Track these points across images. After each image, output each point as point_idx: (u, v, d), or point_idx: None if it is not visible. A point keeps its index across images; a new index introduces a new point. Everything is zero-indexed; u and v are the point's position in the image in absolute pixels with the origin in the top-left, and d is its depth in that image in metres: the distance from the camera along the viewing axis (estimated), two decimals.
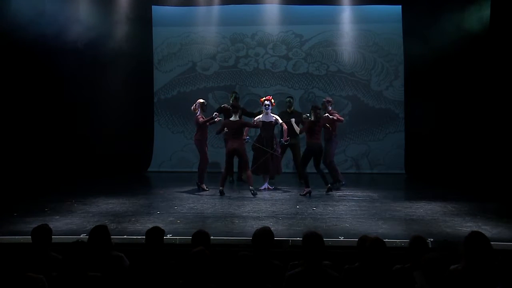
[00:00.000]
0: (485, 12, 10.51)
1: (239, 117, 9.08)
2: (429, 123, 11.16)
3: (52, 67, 10.49)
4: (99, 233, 4.42)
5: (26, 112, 10.19)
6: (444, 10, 11.01)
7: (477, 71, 10.67)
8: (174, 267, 4.09)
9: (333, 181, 9.43)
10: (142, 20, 12.12)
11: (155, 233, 4.38)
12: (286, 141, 9.66)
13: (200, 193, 8.96)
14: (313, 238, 3.86)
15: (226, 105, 9.90)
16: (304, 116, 9.27)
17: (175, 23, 12.50)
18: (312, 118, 8.82)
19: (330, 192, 8.90)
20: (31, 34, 9.52)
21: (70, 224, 6.56)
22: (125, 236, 5.87)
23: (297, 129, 9.14)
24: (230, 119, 9.03)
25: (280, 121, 9.57)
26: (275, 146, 9.56)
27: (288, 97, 10.62)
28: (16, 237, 5.80)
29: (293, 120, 9.36)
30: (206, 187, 9.25)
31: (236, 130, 8.85)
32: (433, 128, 11.22)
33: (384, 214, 7.31)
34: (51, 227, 4.55)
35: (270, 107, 9.43)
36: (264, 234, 4.23)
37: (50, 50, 10.17)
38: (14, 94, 9.90)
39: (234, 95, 10.40)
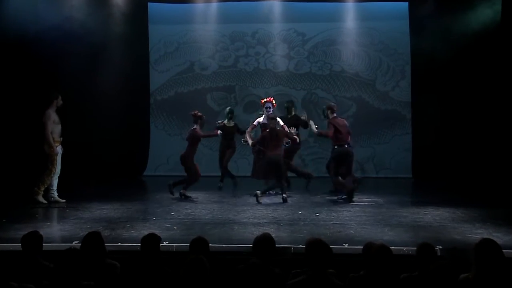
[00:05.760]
0: (496, 8, 10.60)
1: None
2: (438, 125, 11.15)
3: (44, 66, 10.40)
4: (93, 240, 4.42)
5: (17, 114, 10.16)
6: (452, 7, 11.07)
7: (487, 70, 10.78)
8: (171, 275, 4.11)
9: None
10: (138, 17, 12.12)
11: (151, 240, 4.39)
12: (287, 143, 9.42)
13: (198, 198, 8.85)
14: (318, 245, 3.85)
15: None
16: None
17: (172, 21, 12.47)
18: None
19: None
20: (24, 33, 9.56)
21: (62, 230, 6.58)
22: (119, 243, 5.83)
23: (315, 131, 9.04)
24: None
25: (282, 123, 9.39)
26: None
27: (287, 101, 10.25)
28: (5, 244, 5.74)
29: (312, 122, 9.16)
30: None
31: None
32: (442, 130, 11.19)
33: (390, 220, 7.28)
34: (42, 233, 4.57)
35: (271, 109, 9.35)
36: (265, 241, 4.23)
37: (43, 48, 10.06)
38: (6, 96, 9.94)
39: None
